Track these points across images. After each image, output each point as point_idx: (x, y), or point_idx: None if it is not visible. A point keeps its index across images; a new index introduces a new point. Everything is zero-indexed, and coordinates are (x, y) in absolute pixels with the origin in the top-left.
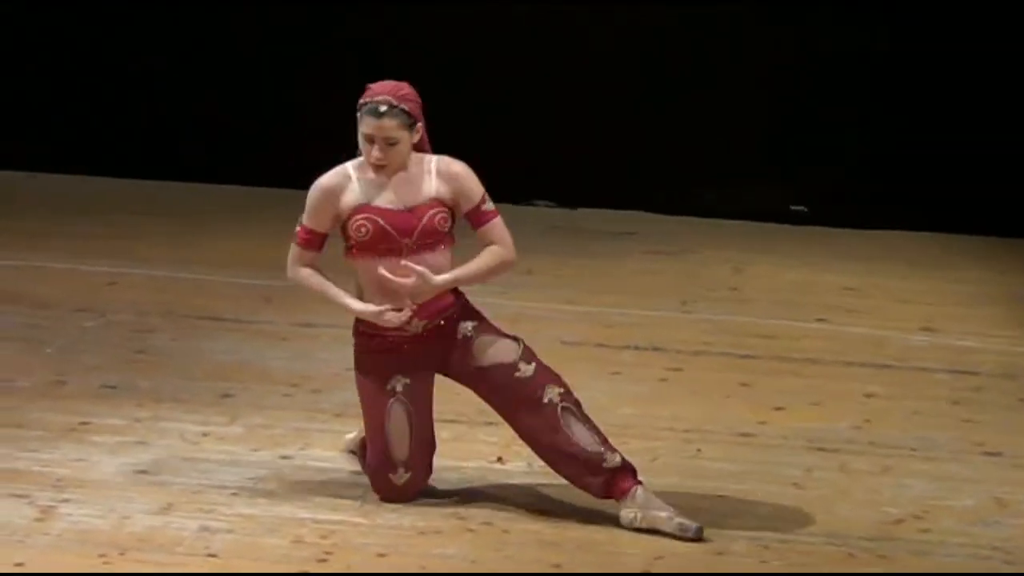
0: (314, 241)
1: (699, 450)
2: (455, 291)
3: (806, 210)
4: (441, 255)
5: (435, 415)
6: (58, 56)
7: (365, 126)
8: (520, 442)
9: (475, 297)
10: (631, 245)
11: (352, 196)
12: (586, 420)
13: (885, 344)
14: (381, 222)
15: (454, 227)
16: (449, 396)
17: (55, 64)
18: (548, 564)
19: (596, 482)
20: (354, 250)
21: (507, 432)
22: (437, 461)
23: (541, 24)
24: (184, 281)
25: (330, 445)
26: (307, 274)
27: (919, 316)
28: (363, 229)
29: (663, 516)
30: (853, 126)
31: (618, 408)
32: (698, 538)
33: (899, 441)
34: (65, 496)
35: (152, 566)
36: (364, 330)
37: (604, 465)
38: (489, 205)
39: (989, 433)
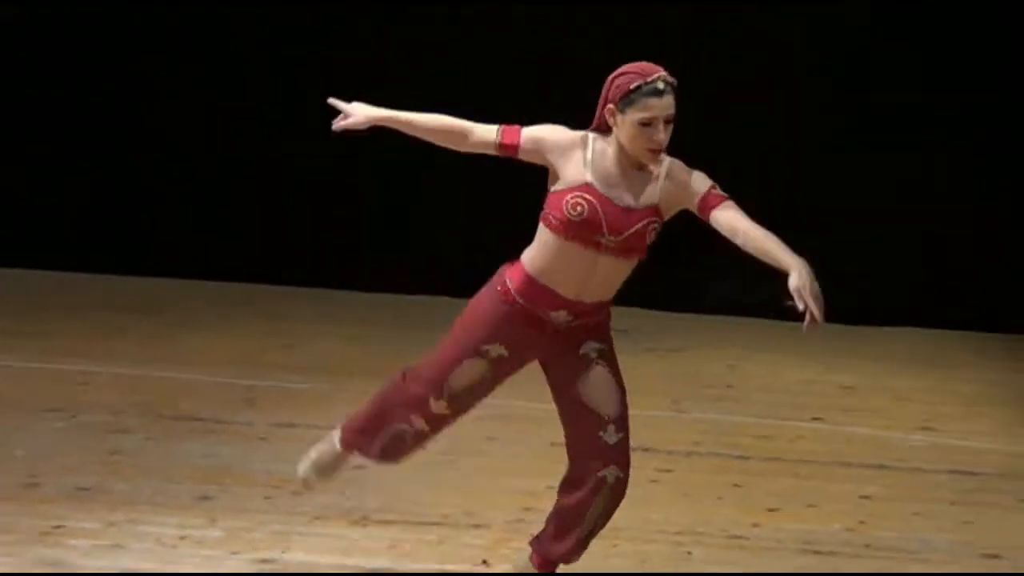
0: (513, 141)
1: (690, 553)
2: (609, 308)
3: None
4: (630, 265)
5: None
6: (28, 153)
7: (644, 109)
8: (507, 547)
9: None
10: (625, 343)
11: (577, 168)
12: (607, 511)
13: (883, 444)
14: (599, 209)
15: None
16: (434, 499)
17: (26, 160)
18: None
19: (549, 537)
20: (554, 222)
21: (493, 535)
22: (420, 566)
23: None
24: (160, 380)
25: (311, 548)
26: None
27: (918, 415)
28: (578, 208)
29: None
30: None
31: None
32: None
33: (895, 543)
34: None
35: None
36: (518, 299)
37: (569, 553)
38: (719, 191)
39: (988, 535)
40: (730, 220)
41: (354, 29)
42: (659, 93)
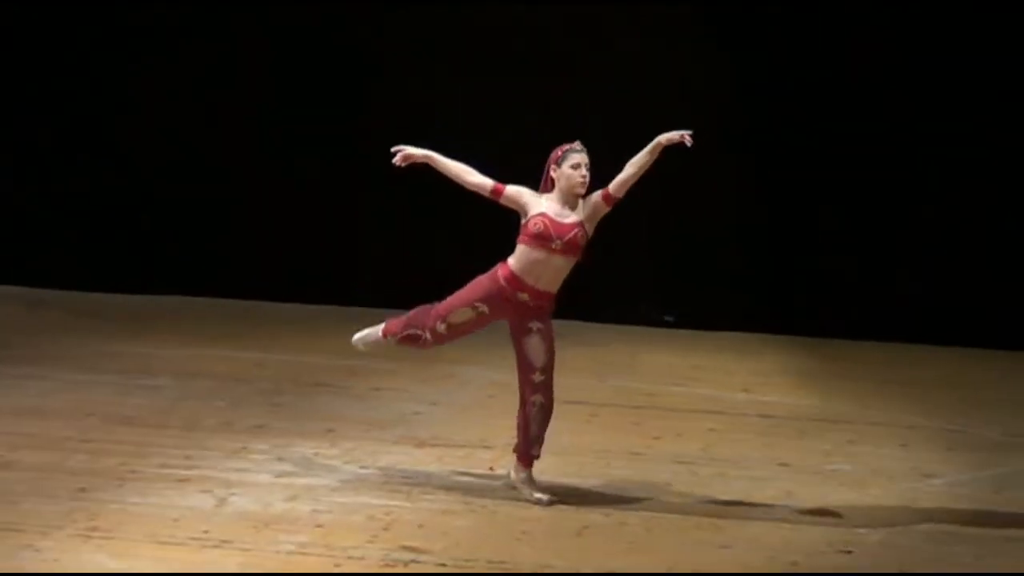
0: (499, 190)
1: (609, 463)
2: (552, 300)
3: (673, 319)
4: (570, 263)
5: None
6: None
7: (572, 160)
8: (504, 459)
9: None
10: (567, 341)
11: (537, 206)
12: (542, 423)
13: (719, 400)
14: (550, 225)
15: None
16: (461, 432)
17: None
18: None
19: (520, 445)
20: (525, 238)
21: (496, 453)
22: (453, 468)
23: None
24: (299, 362)
25: (391, 461)
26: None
27: (740, 383)
28: (539, 226)
29: (528, 492)
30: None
31: (560, 438)
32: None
33: (727, 457)
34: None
35: (282, 534)
36: (502, 282)
37: (531, 450)
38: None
39: (784, 451)
40: (617, 181)
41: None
42: (579, 151)
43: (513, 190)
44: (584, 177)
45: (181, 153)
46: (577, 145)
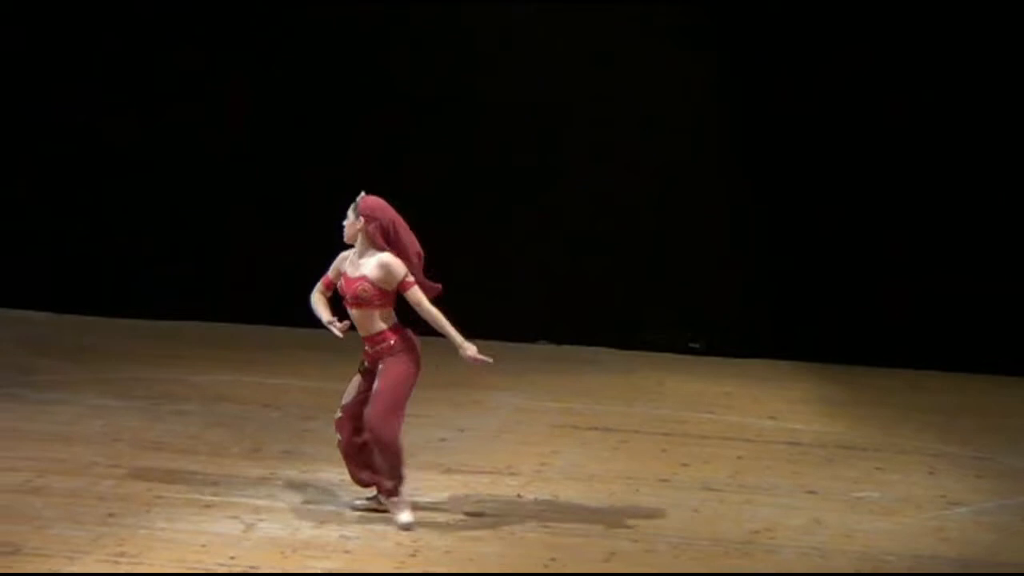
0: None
1: (638, 490)
2: (374, 341)
3: (700, 346)
4: (367, 312)
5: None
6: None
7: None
8: (532, 486)
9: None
10: (596, 368)
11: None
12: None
13: (746, 427)
14: (344, 283)
15: (387, 297)
16: (487, 459)
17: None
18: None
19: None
20: None
21: (523, 479)
22: (476, 493)
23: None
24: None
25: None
26: None
27: (767, 410)
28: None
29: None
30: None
31: (588, 464)
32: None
33: (757, 484)
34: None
35: (310, 560)
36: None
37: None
38: (410, 279)
39: (812, 478)
40: (415, 299)
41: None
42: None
43: (333, 274)
44: (342, 228)
45: (208, 178)
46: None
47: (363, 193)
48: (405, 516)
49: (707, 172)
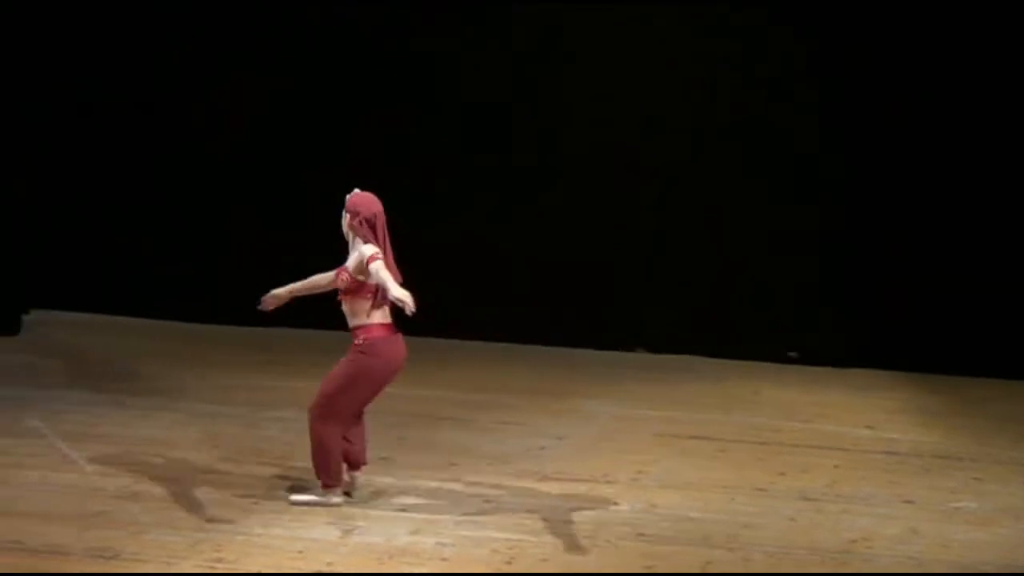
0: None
1: (734, 499)
2: (355, 334)
3: (797, 355)
4: (348, 303)
5: None
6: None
7: None
8: (628, 496)
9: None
10: (693, 376)
11: None
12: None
13: (843, 436)
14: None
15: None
16: (583, 467)
17: None
18: None
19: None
20: None
21: (619, 487)
22: (573, 502)
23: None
24: (432, 397)
25: (517, 492)
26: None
27: (864, 419)
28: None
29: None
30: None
31: (685, 473)
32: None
33: (855, 493)
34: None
35: (406, 567)
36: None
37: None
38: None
39: (909, 488)
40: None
41: None
42: None
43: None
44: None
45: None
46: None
47: (355, 189)
48: (301, 496)
49: (832, 180)
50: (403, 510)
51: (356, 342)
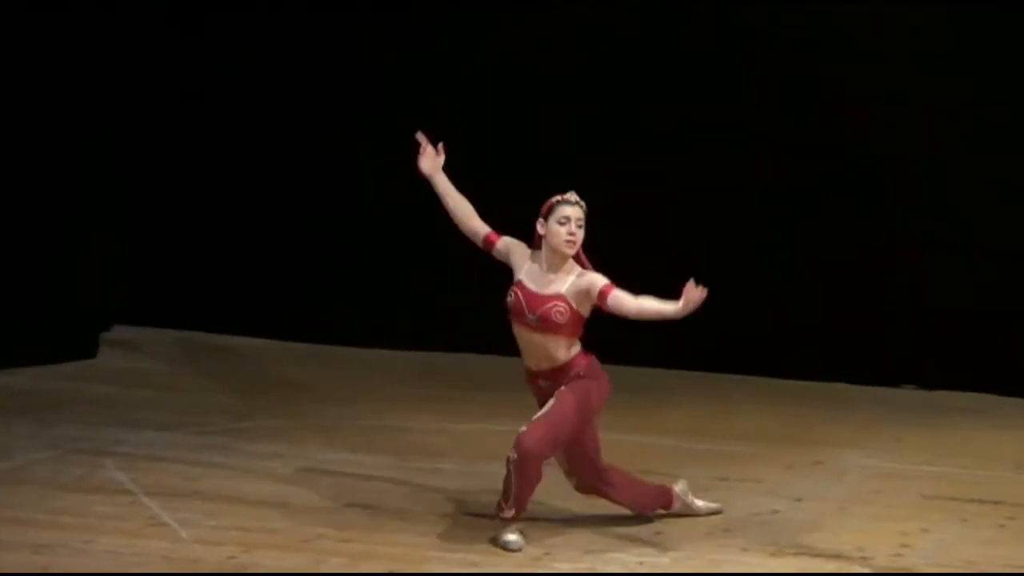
0: (492, 240)
1: None
2: (553, 375)
3: None
4: (555, 339)
5: None
6: None
7: (561, 213)
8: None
9: None
10: (978, 421)
11: (519, 269)
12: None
13: None
14: (521, 296)
15: (579, 326)
16: (833, 539)
17: None
18: None
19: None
20: (508, 313)
21: (878, 564)
22: None
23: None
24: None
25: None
26: None
27: None
28: (509, 297)
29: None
30: None
31: (965, 548)
32: None
33: None
34: None
35: None
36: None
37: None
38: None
39: None
40: (617, 302)
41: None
42: (571, 204)
43: (503, 244)
44: (572, 235)
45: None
46: (571, 196)
47: (572, 192)
48: (511, 536)
49: None
50: None
51: (578, 372)
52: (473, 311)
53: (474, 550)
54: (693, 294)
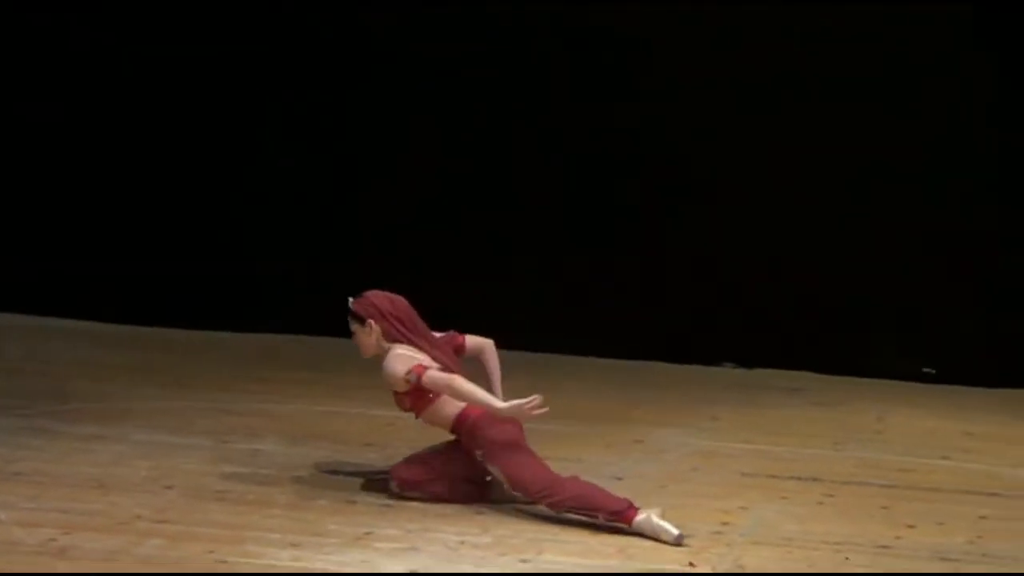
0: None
1: (847, 559)
2: (466, 434)
3: (935, 371)
4: (427, 414)
5: None
6: None
7: None
8: (708, 552)
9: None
10: (795, 399)
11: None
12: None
13: (996, 477)
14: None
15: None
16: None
17: None
18: None
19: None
20: None
21: (698, 543)
22: (641, 565)
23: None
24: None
25: (558, 551)
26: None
27: (1020, 455)
28: None
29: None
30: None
31: (783, 525)
32: None
33: (1007, 553)
34: None
35: None
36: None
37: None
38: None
39: None
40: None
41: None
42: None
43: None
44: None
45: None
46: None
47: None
48: (662, 522)
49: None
50: (414, 572)
51: (476, 423)
52: (309, 293)
53: (294, 529)
54: (527, 407)
